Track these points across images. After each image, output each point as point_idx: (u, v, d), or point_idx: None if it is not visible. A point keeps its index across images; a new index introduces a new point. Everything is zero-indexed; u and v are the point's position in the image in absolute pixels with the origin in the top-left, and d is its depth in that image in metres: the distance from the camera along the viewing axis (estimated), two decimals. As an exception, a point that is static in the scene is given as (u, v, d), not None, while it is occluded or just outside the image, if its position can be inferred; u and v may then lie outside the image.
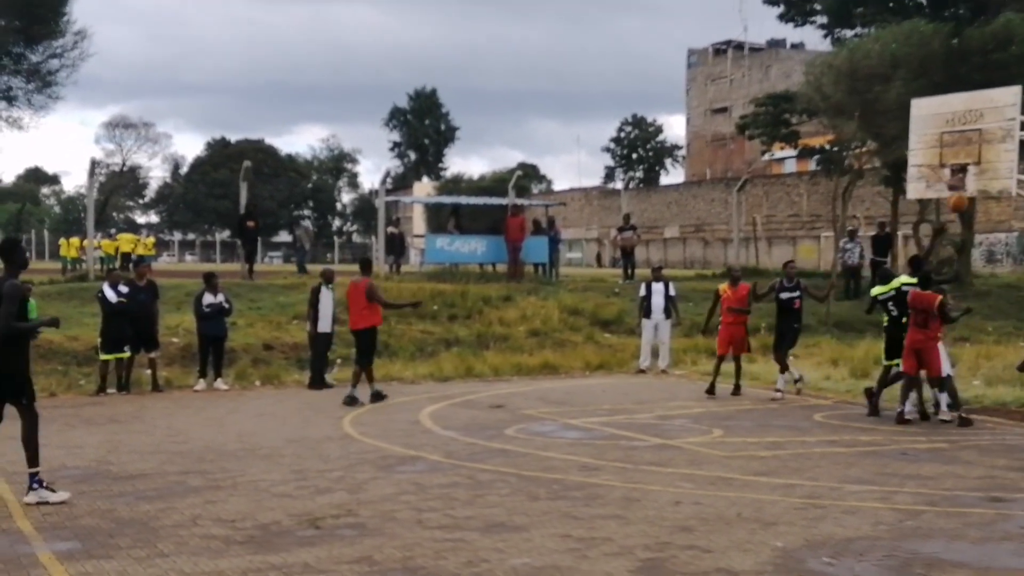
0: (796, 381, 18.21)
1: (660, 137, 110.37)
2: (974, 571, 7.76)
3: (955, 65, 25.72)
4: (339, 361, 20.61)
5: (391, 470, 11.64)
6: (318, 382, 19.08)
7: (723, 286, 18.88)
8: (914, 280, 15.20)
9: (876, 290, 16.27)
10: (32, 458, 10.05)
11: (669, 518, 9.42)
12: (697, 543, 8.57)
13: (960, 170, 15.54)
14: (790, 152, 43.06)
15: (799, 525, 9.18)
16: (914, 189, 16.91)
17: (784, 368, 18.11)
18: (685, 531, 8.96)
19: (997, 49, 26.09)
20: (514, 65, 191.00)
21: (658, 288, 21.94)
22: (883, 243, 31.50)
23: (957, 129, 15.66)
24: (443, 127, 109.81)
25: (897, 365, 15.48)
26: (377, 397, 17.19)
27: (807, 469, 11.80)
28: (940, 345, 14.81)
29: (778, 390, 17.94)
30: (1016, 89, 15.67)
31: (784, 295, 18.01)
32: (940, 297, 14.63)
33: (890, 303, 15.62)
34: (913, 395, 15.33)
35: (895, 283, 15.56)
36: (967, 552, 8.38)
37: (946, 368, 14.88)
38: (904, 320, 15.14)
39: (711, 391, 18.14)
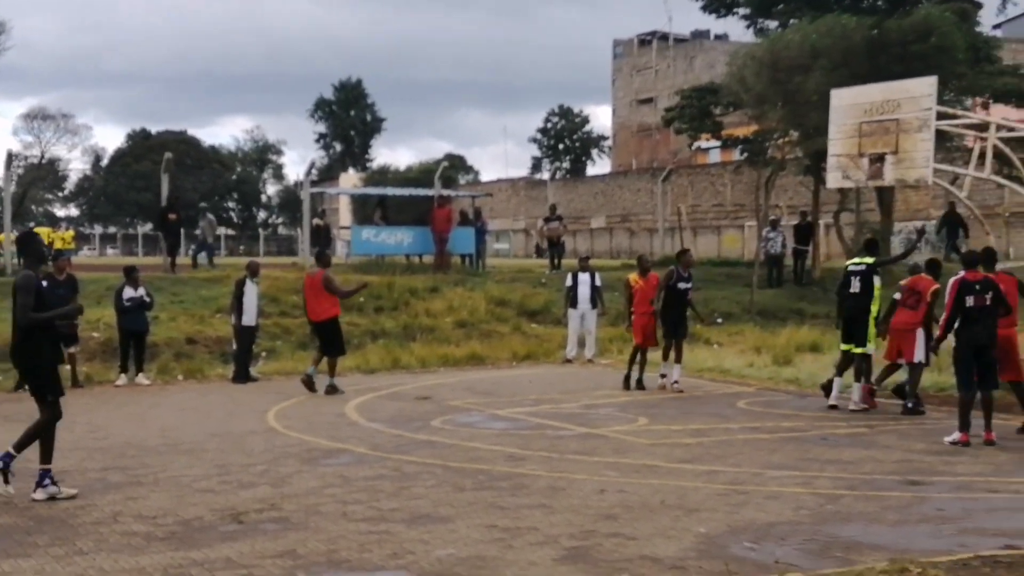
0: (663, 376, 17.77)
1: (587, 128, 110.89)
2: (891, 553, 7.89)
3: (875, 56, 26.11)
4: (264, 355, 20.41)
5: (316, 463, 11.56)
6: (242, 376, 18.88)
7: (633, 276, 18.67)
8: (871, 260, 15.31)
9: (849, 261, 16.20)
10: (46, 455, 9.83)
11: (594, 506, 9.47)
12: (621, 531, 8.62)
13: (878, 159, 15.79)
14: (714, 143, 43.37)
15: (722, 511, 9.27)
16: (833, 178, 17.14)
17: (680, 358, 17.77)
18: (609, 519, 9.01)
19: (917, 41, 26.51)
20: (443, 56, 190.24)
21: (584, 278, 22.05)
22: (805, 232, 31.97)
23: (875, 119, 15.89)
24: (369, 118, 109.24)
25: (851, 349, 15.45)
26: (332, 390, 17.20)
27: (730, 455, 11.94)
28: (920, 332, 14.94)
29: (676, 382, 17.63)
30: (932, 80, 15.95)
31: (681, 284, 17.66)
32: (936, 285, 14.73)
33: (855, 277, 15.39)
34: (839, 380, 15.56)
35: (868, 260, 15.40)
36: (884, 535, 8.53)
37: (919, 355, 15.02)
38: (860, 295, 15.15)
39: (630, 384, 17.87)
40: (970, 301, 12.62)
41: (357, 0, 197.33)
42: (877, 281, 15.27)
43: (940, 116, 16.10)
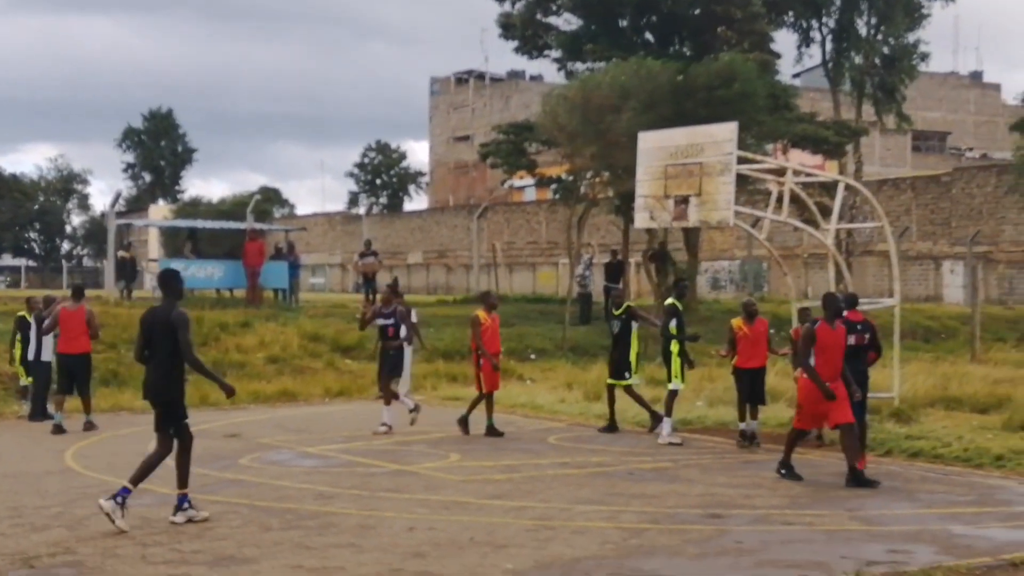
0: (412, 411, 17.08)
1: (404, 163, 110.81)
2: (691, 585, 8.10)
3: (681, 100, 26.98)
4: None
5: (115, 505, 11.13)
6: (39, 414, 18.09)
7: (481, 313, 17.13)
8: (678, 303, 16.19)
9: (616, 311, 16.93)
10: (183, 479, 10.38)
11: (403, 544, 9.42)
12: (429, 568, 8.60)
13: (683, 201, 16.27)
14: (529, 180, 44.06)
15: (529, 547, 9.35)
16: (641, 219, 17.56)
17: (390, 400, 17.03)
18: (418, 557, 8.97)
19: (721, 87, 27.54)
20: (261, 88, 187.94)
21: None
22: (615, 270, 32.69)
23: (680, 162, 16.38)
24: (180, 148, 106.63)
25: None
26: (90, 426, 16.74)
27: (539, 491, 12.06)
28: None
29: (384, 424, 16.79)
30: (733, 125, 16.54)
31: (381, 321, 17.30)
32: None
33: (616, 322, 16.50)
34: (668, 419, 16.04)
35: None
36: (686, 568, 8.75)
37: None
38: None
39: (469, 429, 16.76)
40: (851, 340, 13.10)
41: (168, 27, 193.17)
42: (635, 326, 16.81)
43: (741, 160, 16.70)
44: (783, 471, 12.93)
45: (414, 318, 22.12)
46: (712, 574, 8.56)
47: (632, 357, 16.91)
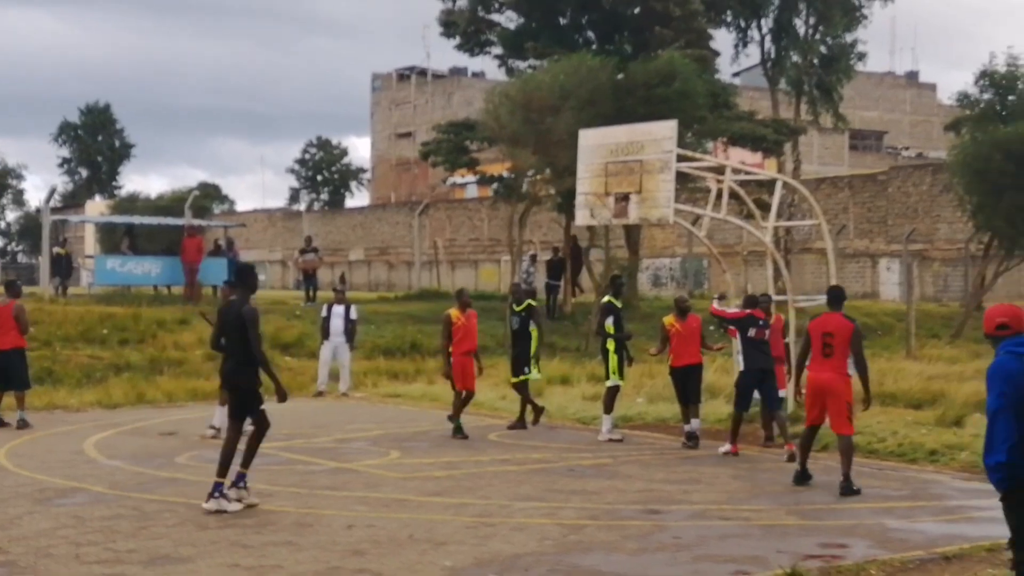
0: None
1: (345, 160, 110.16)
2: (630, 580, 8.13)
3: (621, 98, 27.08)
4: None
5: (48, 503, 10.99)
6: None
7: (454, 311, 16.54)
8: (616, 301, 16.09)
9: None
10: (247, 459, 10.87)
11: (341, 542, 9.37)
12: (368, 566, 8.56)
13: (624, 198, 16.32)
14: (471, 178, 43.97)
15: (469, 544, 9.34)
16: (582, 216, 17.60)
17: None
18: (357, 555, 8.93)
19: (660, 85, 27.67)
20: (201, 83, 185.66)
21: (338, 311, 21.85)
22: (557, 267, 32.75)
23: (621, 159, 16.43)
24: (118, 143, 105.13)
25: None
26: (23, 424, 16.51)
27: (480, 488, 12.05)
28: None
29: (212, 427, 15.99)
30: (672, 123, 16.62)
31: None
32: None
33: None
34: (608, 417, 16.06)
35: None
36: (624, 563, 8.79)
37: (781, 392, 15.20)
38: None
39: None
40: (752, 333, 14.53)
41: (104, 20, 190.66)
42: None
43: (681, 158, 16.77)
44: (848, 486, 11.76)
45: (353, 315, 22.05)
46: (650, 569, 8.60)
47: (532, 353, 16.96)
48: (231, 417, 11.08)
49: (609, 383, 16.07)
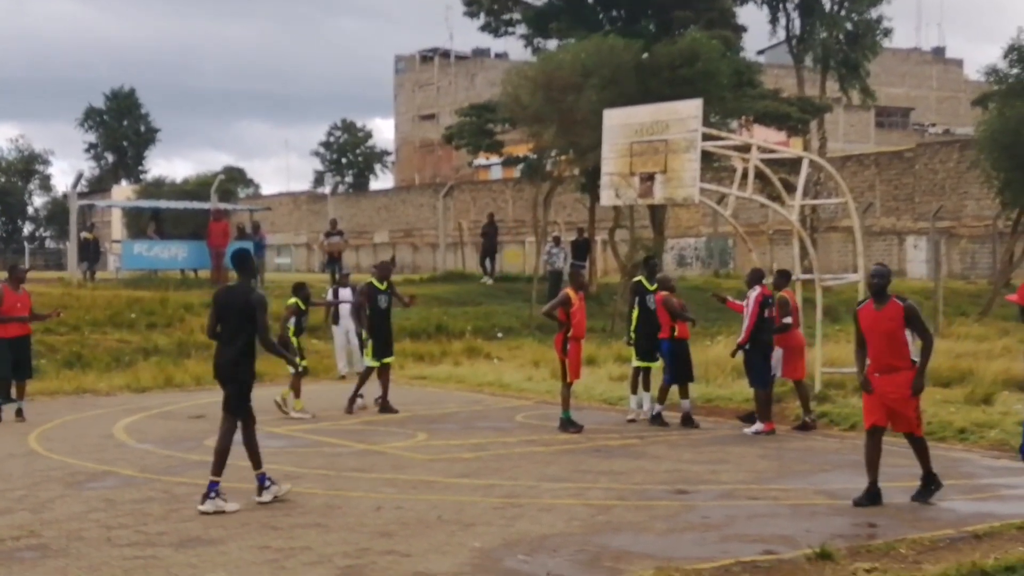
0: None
1: (370, 142, 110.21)
2: (658, 561, 8.14)
3: (645, 78, 26.95)
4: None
5: (80, 487, 11.09)
6: (3, 396, 17.88)
7: (569, 291, 15.39)
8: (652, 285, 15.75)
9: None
10: (255, 460, 10.38)
11: (370, 524, 9.41)
12: (396, 548, 8.59)
13: (649, 178, 16.26)
14: (495, 160, 43.91)
15: (497, 525, 9.36)
16: (607, 196, 17.55)
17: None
18: (385, 536, 8.97)
19: (684, 65, 27.53)
20: (225, 65, 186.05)
21: (345, 294, 21.71)
22: (582, 248, 32.71)
23: (645, 139, 16.36)
24: (143, 128, 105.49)
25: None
26: (20, 414, 16.24)
27: (507, 469, 12.08)
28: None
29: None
30: (698, 102, 16.53)
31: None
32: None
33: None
34: (636, 398, 15.94)
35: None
36: (653, 543, 8.79)
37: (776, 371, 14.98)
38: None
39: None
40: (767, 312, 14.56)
41: (128, 4, 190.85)
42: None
43: (706, 137, 16.68)
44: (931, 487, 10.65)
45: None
46: (679, 550, 8.60)
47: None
48: (226, 411, 10.40)
49: (633, 364, 16.04)
